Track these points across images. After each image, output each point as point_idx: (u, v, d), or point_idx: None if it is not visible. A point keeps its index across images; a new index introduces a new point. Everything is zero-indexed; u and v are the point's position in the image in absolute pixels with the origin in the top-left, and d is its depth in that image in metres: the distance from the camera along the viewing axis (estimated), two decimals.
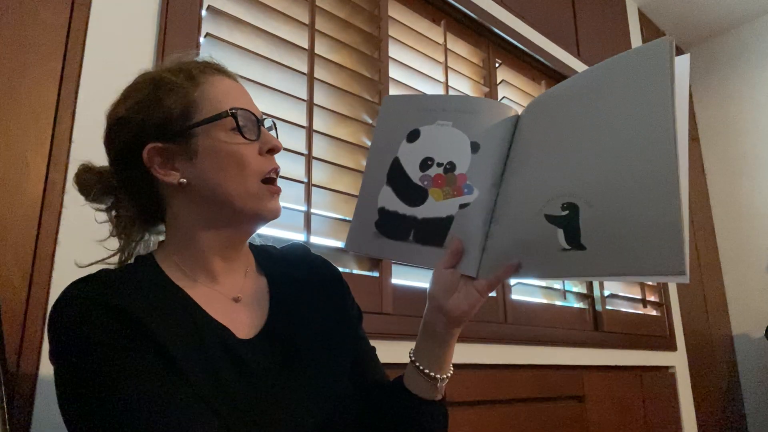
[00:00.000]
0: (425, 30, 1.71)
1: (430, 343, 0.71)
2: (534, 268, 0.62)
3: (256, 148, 0.67)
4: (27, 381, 0.78)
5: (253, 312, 0.69)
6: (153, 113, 0.65)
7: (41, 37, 0.89)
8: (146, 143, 0.64)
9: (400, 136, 0.76)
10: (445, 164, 0.71)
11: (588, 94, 0.61)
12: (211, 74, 0.68)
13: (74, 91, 0.91)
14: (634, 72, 0.57)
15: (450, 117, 0.73)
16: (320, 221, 1.29)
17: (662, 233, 0.50)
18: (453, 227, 0.69)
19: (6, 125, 0.83)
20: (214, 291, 0.67)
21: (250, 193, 0.65)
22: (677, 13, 3.00)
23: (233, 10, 1.22)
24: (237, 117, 0.65)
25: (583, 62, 2.34)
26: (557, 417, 1.71)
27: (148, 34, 1.03)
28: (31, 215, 0.83)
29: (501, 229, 0.66)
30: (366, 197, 0.77)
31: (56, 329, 0.56)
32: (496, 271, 0.64)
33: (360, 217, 0.77)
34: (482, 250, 0.67)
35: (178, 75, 0.66)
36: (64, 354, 0.56)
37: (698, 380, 2.52)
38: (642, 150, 0.54)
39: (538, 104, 0.68)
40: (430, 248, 0.71)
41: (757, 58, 2.99)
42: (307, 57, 1.34)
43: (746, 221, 2.90)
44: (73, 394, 0.55)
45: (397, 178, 0.75)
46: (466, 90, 1.80)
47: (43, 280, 0.82)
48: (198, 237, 0.67)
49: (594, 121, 0.59)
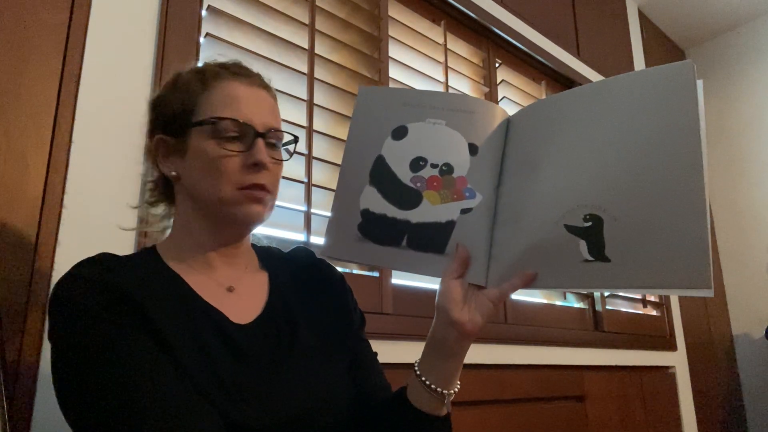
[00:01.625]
0: (425, 30, 1.71)
1: (439, 358, 0.67)
2: (552, 278, 0.60)
3: (241, 160, 0.66)
4: (27, 380, 0.78)
5: (248, 301, 0.70)
6: (165, 107, 0.70)
7: (41, 37, 0.89)
8: (156, 133, 0.70)
9: (382, 133, 0.71)
10: (440, 165, 0.68)
11: (606, 106, 0.60)
12: (225, 79, 0.68)
13: (74, 91, 0.91)
14: (661, 90, 0.57)
15: (442, 115, 0.69)
16: (320, 221, 1.29)
17: (689, 248, 0.52)
18: (455, 233, 0.66)
19: (6, 125, 0.83)
20: (210, 279, 0.68)
21: (223, 199, 0.66)
22: (677, 13, 2.99)
23: (233, 10, 1.22)
24: (219, 125, 0.65)
25: (583, 62, 2.34)
26: (557, 417, 1.71)
27: (148, 34, 1.03)
28: (31, 215, 0.83)
29: (510, 235, 0.64)
30: (344, 198, 0.71)
31: (55, 306, 0.58)
32: (509, 279, 0.62)
33: (338, 220, 0.70)
34: (489, 257, 0.64)
35: (194, 75, 0.70)
36: (61, 329, 0.57)
37: (698, 380, 2.51)
38: (670, 167, 0.55)
39: (540, 109, 0.67)
40: (429, 255, 0.67)
41: (757, 58, 2.99)
42: (307, 57, 1.34)
43: (746, 221, 2.90)
44: (68, 368, 0.56)
45: (382, 178, 0.69)
46: (466, 90, 1.80)
47: (43, 280, 0.82)
48: (192, 229, 0.70)
49: (614, 134, 0.59)
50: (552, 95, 0.67)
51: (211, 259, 0.70)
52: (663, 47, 3.12)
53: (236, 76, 0.69)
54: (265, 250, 0.80)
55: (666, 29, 3.15)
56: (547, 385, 1.71)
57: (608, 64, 2.51)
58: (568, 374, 1.80)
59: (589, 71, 2.36)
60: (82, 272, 0.59)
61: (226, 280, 0.70)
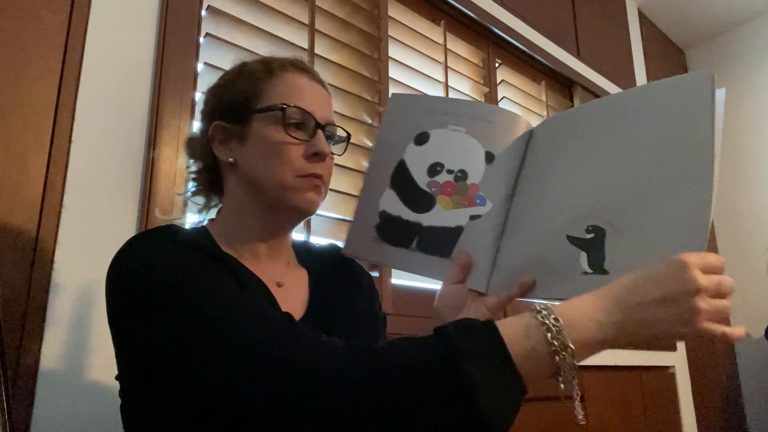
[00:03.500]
0: (425, 30, 1.71)
1: None
2: (549, 289, 0.60)
3: (303, 149, 0.67)
4: (27, 380, 0.78)
5: (294, 298, 0.70)
6: (226, 94, 0.70)
7: (41, 37, 0.89)
8: (214, 120, 0.70)
9: (407, 138, 0.73)
10: (456, 171, 0.69)
11: (621, 118, 0.60)
12: (290, 71, 0.71)
13: (74, 91, 0.91)
14: (674, 103, 0.56)
15: (464, 123, 0.70)
16: (320, 221, 1.29)
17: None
18: (461, 239, 0.66)
19: (6, 125, 0.83)
20: (260, 271, 0.68)
21: (284, 185, 0.66)
22: (677, 13, 2.99)
23: (233, 10, 1.22)
24: (286, 112, 0.67)
25: (583, 62, 2.34)
26: (557, 417, 1.71)
27: (148, 34, 1.03)
28: (31, 215, 0.83)
29: (514, 244, 0.63)
30: (367, 199, 0.74)
31: (128, 262, 0.57)
32: (509, 287, 0.62)
33: (360, 220, 0.74)
34: (493, 264, 0.64)
35: (260, 65, 0.71)
36: (143, 275, 0.55)
37: (698, 380, 2.51)
38: (678, 183, 0.54)
39: (560, 121, 0.66)
40: (435, 258, 0.67)
41: (757, 58, 2.99)
42: (307, 57, 1.34)
43: (746, 221, 2.90)
44: (159, 310, 0.53)
45: (402, 181, 0.72)
46: (466, 90, 1.80)
47: (43, 280, 0.82)
48: (245, 216, 0.69)
49: (626, 146, 0.58)
50: (574, 107, 0.67)
51: (259, 250, 0.70)
52: (663, 47, 3.12)
53: (300, 69, 0.72)
54: (302, 245, 0.80)
55: (666, 29, 3.15)
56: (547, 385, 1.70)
57: (608, 64, 2.51)
58: None
59: (589, 71, 2.36)
60: (149, 236, 0.60)
61: (273, 275, 0.70)
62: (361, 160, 1.43)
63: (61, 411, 0.80)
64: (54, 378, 0.81)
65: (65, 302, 0.83)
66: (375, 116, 1.49)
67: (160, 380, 0.55)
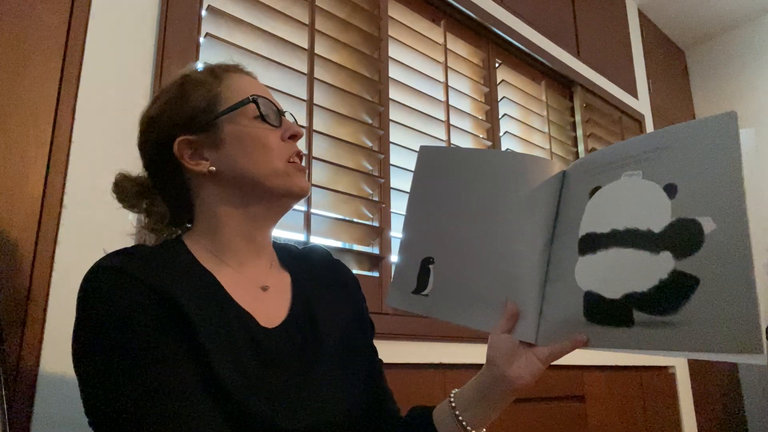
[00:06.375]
0: (425, 30, 1.71)
1: (480, 403, 0.68)
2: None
3: (278, 135, 0.70)
4: (27, 381, 0.78)
5: (277, 302, 0.70)
6: (181, 109, 0.69)
7: (41, 37, 0.89)
8: (176, 137, 0.68)
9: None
10: None
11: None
12: (233, 72, 0.73)
13: (74, 91, 0.91)
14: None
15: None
16: (320, 221, 1.29)
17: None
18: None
19: (6, 125, 0.83)
20: (242, 276, 0.68)
21: (277, 172, 0.68)
22: (677, 13, 3.00)
23: (233, 10, 1.22)
24: (258, 103, 0.69)
25: (583, 62, 2.34)
26: (557, 417, 1.71)
27: (148, 34, 1.03)
28: (31, 215, 0.83)
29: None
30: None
31: (87, 298, 0.57)
32: (560, 340, 0.60)
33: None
34: (539, 313, 0.63)
35: (203, 74, 0.71)
36: (93, 323, 0.55)
37: (698, 380, 2.51)
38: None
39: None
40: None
41: (757, 58, 2.99)
42: (307, 57, 1.34)
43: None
44: (96, 365, 0.54)
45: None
46: (465, 90, 1.80)
47: (43, 280, 0.82)
48: (226, 220, 0.69)
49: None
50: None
51: (242, 252, 0.69)
52: (663, 47, 3.12)
53: (239, 71, 0.74)
54: (283, 247, 0.79)
55: (666, 29, 3.15)
56: (547, 385, 1.70)
57: (608, 64, 2.51)
58: (568, 374, 1.80)
59: (589, 71, 2.36)
60: (116, 264, 0.58)
61: (256, 278, 0.69)
62: (361, 160, 1.43)
63: (61, 411, 0.80)
64: (54, 378, 0.81)
65: (65, 302, 0.83)
66: (375, 116, 1.49)
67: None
